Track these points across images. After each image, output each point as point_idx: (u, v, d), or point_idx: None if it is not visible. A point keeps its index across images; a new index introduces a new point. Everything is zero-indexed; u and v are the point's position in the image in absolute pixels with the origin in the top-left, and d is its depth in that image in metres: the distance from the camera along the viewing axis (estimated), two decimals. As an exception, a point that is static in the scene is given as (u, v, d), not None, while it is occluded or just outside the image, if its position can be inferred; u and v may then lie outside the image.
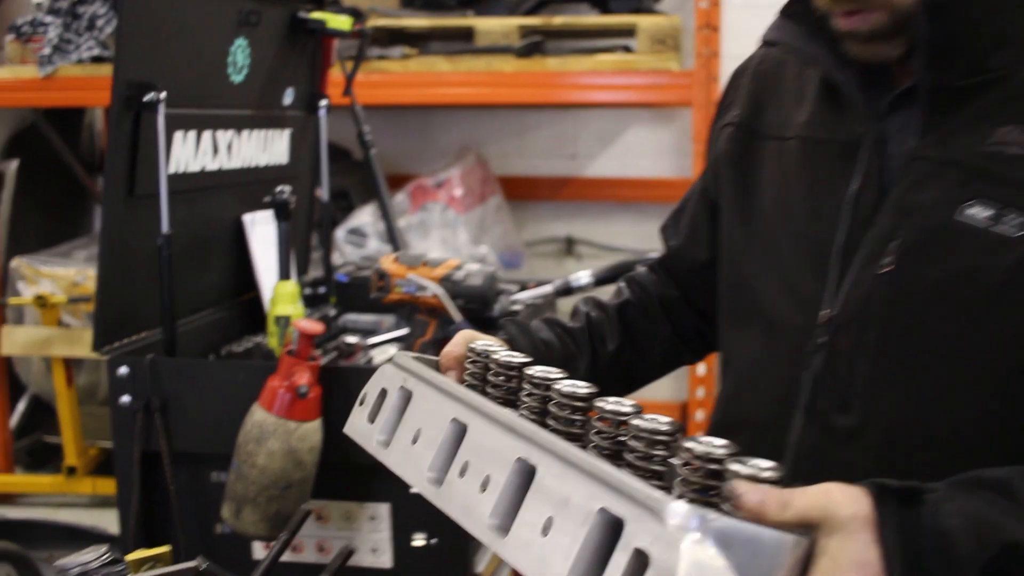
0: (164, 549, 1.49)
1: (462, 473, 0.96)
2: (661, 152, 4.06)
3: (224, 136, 2.23)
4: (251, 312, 2.40)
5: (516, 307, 2.05)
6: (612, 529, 0.80)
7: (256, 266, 2.36)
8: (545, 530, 0.84)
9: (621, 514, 0.79)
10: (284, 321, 2.04)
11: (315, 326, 1.84)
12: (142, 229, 2.02)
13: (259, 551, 2.02)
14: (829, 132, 1.18)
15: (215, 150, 2.21)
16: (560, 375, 0.98)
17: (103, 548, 1.33)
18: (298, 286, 2.08)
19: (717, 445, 0.82)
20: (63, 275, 3.56)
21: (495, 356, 1.06)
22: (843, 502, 0.82)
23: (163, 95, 1.93)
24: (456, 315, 1.92)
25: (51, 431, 3.76)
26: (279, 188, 2.05)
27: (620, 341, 1.41)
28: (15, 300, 3.51)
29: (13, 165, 3.80)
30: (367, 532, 1.99)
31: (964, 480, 0.90)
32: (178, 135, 2.07)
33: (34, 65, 3.49)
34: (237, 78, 2.24)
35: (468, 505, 0.94)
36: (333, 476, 1.94)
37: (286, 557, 2.02)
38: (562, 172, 4.13)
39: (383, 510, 1.98)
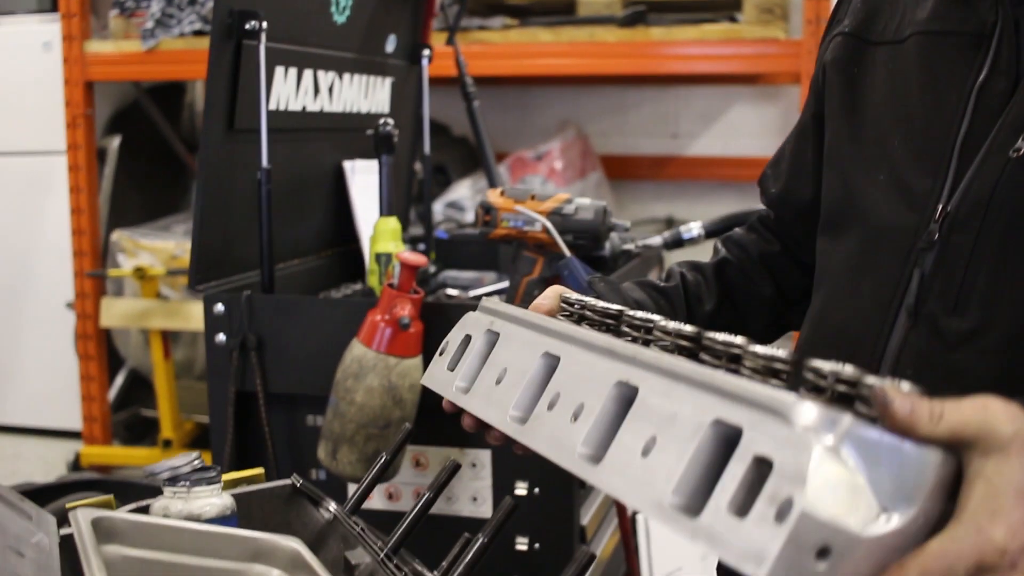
0: (257, 471, 1.43)
1: (551, 406, 0.87)
2: (765, 130, 3.92)
3: (325, 77, 2.18)
4: (350, 263, 2.34)
5: (629, 246, 1.95)
6: (726, 443, 0.70)
7: (356, 215, 2.30)
8: (646, 451, 0.74)
9: (739, 422, 0.69)
10: (385, 259, 1.97)
11: (418, 258, 1.76)
12: (241, 165, 1.97)
13: (355, 498, 1.94)
14: (955, 24, 1.09)
15: (316, 90, 2.15)
16: (662, 319, 0.89)
17: (194, 454, 1.26)
18: (400, 223, 2.00)
19: (847, 367, 0.71)
20: (162, 248, 3.57)
21: (592, 304, 0.99)
22: (1004, 419, 0.70)
23: (264, 24, 1.88)
24: (565, 251, 1.83)
25: (148, 405, 3.78)
26: (383, 120, 1.98)
27: (718, 301, 1.31)
28: (115, 272, 3.53)
29: (116, 141, 3.84)
30: (467, 480, 1.90)
31: None
32: (279, 71, 2.02)
33: (137, 39, 3.52)
34: (340, 19, 2.19)
35: (557, 437, 0.85)
36: (432, 421, 1.84)
37: (381, 504, 1.94)
38: (663, 151, 4.02)
39: (484, 457, 1.89)
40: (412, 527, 1.22)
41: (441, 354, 1.10)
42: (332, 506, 1.32)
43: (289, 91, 2.07)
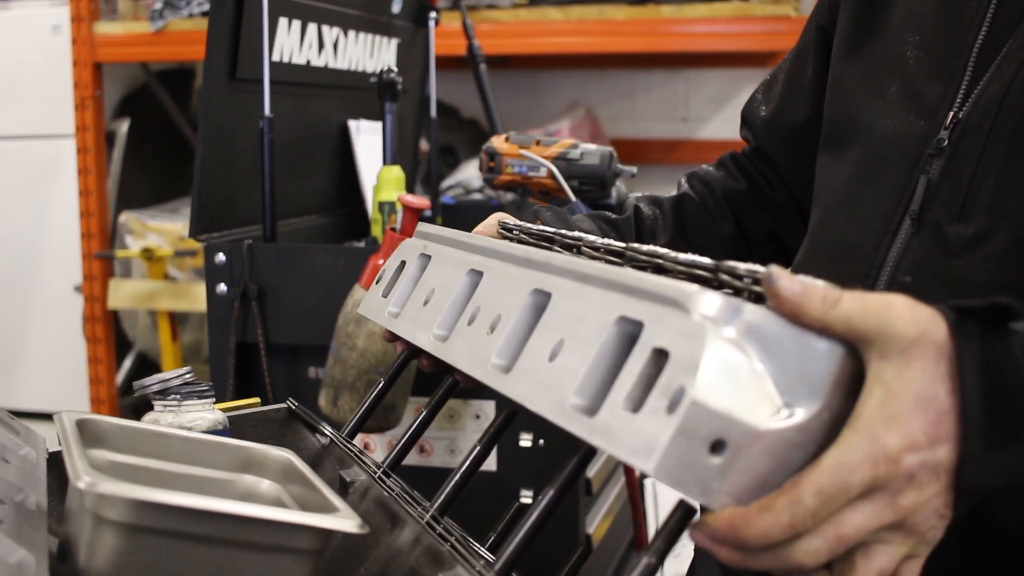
0: (253, 400, 1.40)
1: (471, 321, 0.86)
2: (777, 114, 3.89)
3: (330, 33, 2.16)
4: (354, 223, 2.32)
5: (635, 195, 1.91)
6: (630, 341, 0.66)
7: (361, 175, 2.28)
8: (553, 356, 0.72)
9: (641, 317, 0.66)
10: (388, 208, 1.94)
11: (421, 200, 1.73)
12: (244, 116, 1.95)
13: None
14: None
15: (320, 45, 2.13)
16: (591, 237, 0.88)
17: (185, 368, 1.23)
18: (404, 172, 1.97)
19: (762, 267, 0.67)
20: (170, 229, 3.55)
21: (528, 228, 0.98)
22: (908, 319, 0.64)
23: (267, -29, 1.86)
24: (571, 196, 1.79)
25: (155, 388, 3.74)
26: (387, 67, 1.96)
27: (672, 236, 1.28)
28: (122, 253, 3.51)
29: (125, 125, 3.83)
30: (471, 432, 1.86)
31: None
32: (283, 22, 2.00)
33: (146, 20, 3.52)
34: (344, -26, 2.18)
35: (474, 350, 0.83)
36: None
37: (382, 455, 1.91)
38: (673, 135, 3.99)
39: (488, 408, 1.86)
40: (409, 445, 1.19)
41: (378, 282, 1.10)
42: (328, 429, 1.29)
43: (293, 44, 2.05)
